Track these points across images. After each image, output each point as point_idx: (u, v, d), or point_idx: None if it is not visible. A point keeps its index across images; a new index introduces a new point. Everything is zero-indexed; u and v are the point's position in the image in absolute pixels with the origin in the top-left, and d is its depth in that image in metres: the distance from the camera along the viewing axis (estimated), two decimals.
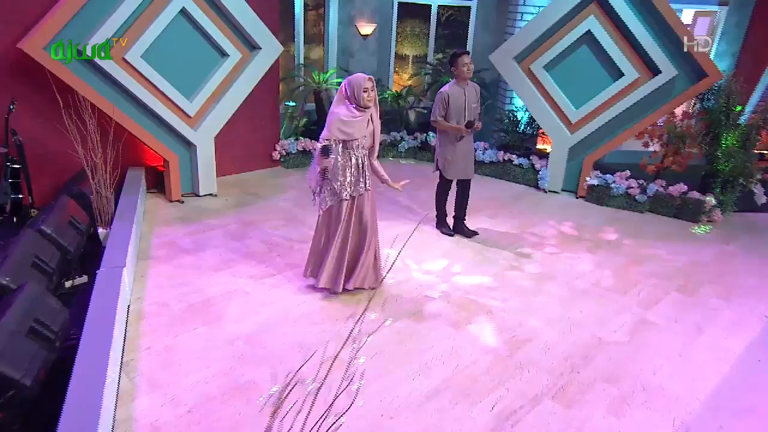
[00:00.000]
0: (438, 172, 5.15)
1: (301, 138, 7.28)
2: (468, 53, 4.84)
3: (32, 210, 4.93)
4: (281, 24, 7.52)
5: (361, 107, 3.63)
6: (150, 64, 5.14)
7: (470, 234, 5.31)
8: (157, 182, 5.90)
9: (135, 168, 5.72)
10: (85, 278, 3.99)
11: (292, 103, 7.55)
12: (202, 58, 5.53)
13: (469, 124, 4.84)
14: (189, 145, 5.69)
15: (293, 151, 7.07)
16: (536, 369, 3.33)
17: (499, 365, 3.35)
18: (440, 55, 9.45)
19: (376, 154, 3.91)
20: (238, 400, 2.91)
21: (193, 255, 4.55)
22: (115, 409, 2.73)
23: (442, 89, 4.91)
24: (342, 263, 3.89)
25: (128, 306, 3.69)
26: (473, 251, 4.96)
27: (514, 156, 7.07)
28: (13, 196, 4.74)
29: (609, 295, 4.30)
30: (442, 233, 5.28)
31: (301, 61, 7.61)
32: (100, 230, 4.53)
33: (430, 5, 8.36)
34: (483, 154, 7.22)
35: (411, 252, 4.85)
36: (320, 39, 8.02)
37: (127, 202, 4.78)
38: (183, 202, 5.71)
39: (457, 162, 5.01)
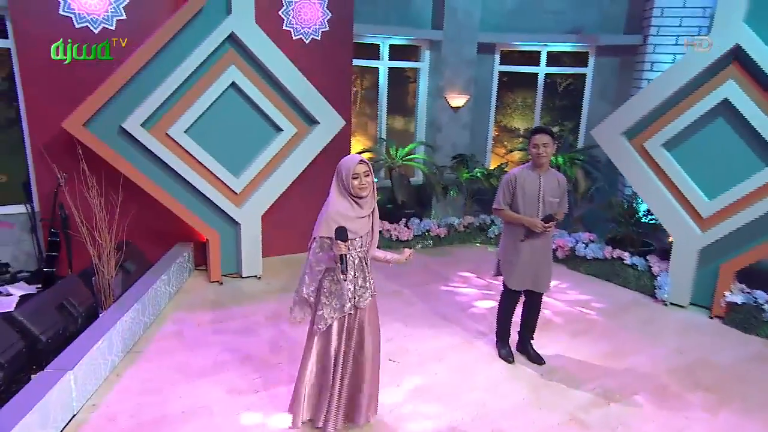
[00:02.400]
0: (500, 277, 4.02)
1: None
2: (546, 131, 3.66)
3: None
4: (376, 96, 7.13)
5: (354, 197, 2.83)
6: (195, 138, 4.94)
7: (536, 359, 4.01)
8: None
9: (184, 243, 5.49)
10: None
11: None
12: (253, 131, 5.21)
13: (548, 218, 3.66)
14: (234, 223, 5.32)
15: None
16: None
17: None
18: (556, 128, 8.38)
19: (375, 246, 3.03)
20: None
21: (189, 352, 3.98)
22: None
23: (510, 171, 3.88)
24: (335, 394, 2.95)
25: (73, 416, 3.17)
26: (529, 387, 3.67)
27: (625, 254, 5.55)
28: (46, 269, 4.70)
29: None
30: (500, 356, 4.06)
31: (383, 135, 7.07)
32: (102, 314, 4.21)
33: (536, 74, 7.35)
34: (585, 248, 5.82)
35: (446, 376, 3.75)
36: None
37: (143, 282, 4.44)
38: (222, 283, 5.30)
39: (523, 267, 3.78)
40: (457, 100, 6.92)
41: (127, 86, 4.63)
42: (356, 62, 6.72)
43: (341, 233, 2.68)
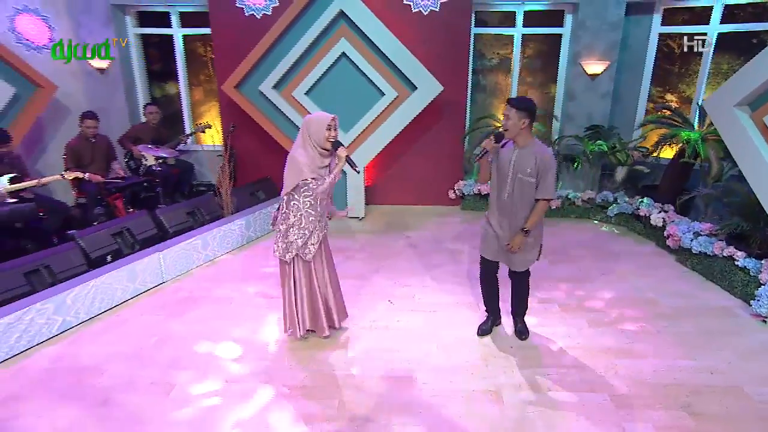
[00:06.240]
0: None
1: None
2: (510, 102, 3.04)
3: None
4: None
5: (324, 149, 3.18)
6: (314, 99, 5.75)
7: (519, 333, 3.66)
8: None
9: None
10: None
11: None
12: (361, 94, 5.74)
13: (498, 137, 3.13)
14: (341, 172, 6.00)
15: (467, 193, 6.37)
16: None
17: None
18: None
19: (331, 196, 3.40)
20: None
21: (260, 260, 4.91)
22: None
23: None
24: (319, 306, 3.52)
25: (161, 282, 4.44)
26: (482, 354, 3.42)
27: (739, 253, 4.25)
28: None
29: None
30: (478, 328, 3.73)
31: None
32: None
33: (704, 34, 5.78)
34: (692, 241, 4.64)
35: (420, 326, 3.81)
36: None
37: (261, 206, 5.58)
38: (330, 218, 6.09)
39: (490, 235, 3.37)
40: (595, 66, 6.02)
41: (267, 57, 5.69)
42: (488, 30, 6.49)
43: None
